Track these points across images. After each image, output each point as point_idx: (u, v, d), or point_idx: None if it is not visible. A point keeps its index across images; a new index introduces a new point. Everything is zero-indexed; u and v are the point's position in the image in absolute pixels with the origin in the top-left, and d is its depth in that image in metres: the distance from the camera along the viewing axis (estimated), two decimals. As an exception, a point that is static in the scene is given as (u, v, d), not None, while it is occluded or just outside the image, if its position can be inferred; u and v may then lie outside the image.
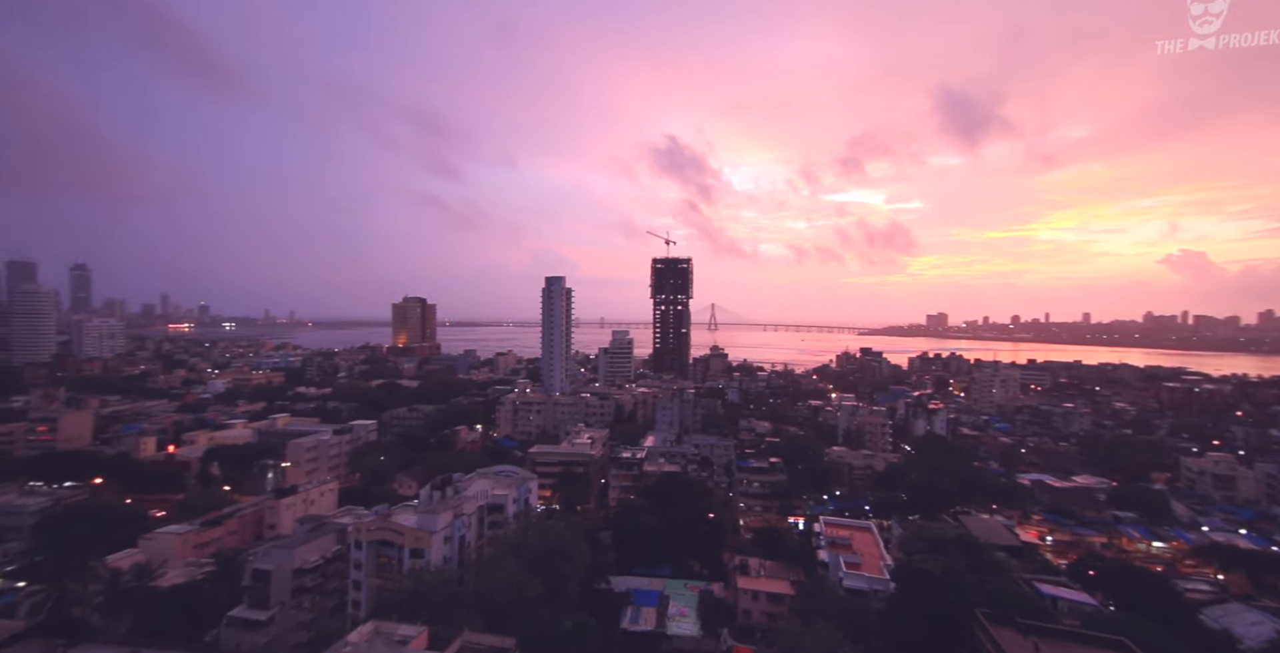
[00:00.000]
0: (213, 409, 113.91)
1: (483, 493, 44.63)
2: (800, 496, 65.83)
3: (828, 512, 58.73)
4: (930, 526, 43.75)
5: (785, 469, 67.94)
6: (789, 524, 60.17)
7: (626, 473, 63.58)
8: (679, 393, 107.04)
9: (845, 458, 77.69)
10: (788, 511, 63.17)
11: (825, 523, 48.43)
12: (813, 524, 52.88)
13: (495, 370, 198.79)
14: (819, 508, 62.91)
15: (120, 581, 35.09)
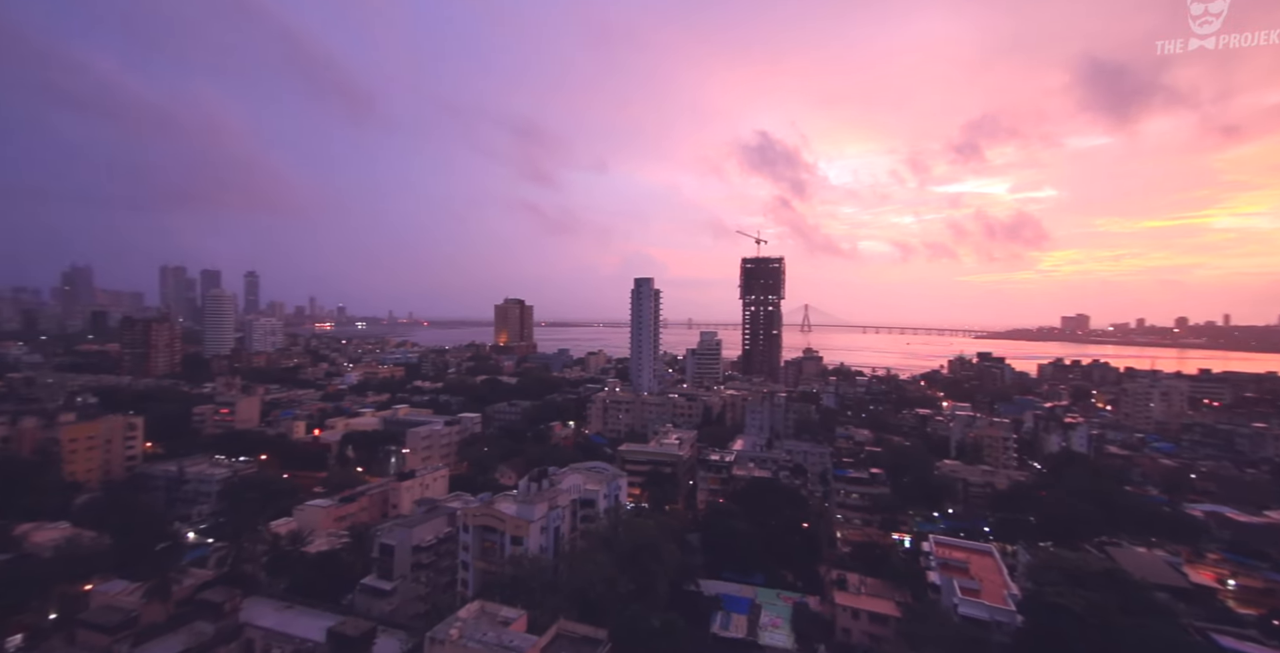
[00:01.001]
0: (348, 399, 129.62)
1: (575, 487, 46.42)
2: (906, 511, 60.79)
3: (938, 530, 53.60)
4: (1068, 555, 38.31)
5: (888, 481, 63.17)
6: (893, 541, 55.84)
7: (715, 476, 62.77)
8: (770, 396, 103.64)
9: (959, 473, 70.47)
10: (891, 526, 58.66)
11: (936, 543, 44.25)
12: (921, 543, 48.60)
13: (586, 369, 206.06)
14: (928, 526, 57.66)
15: (280, 544, 41.06)
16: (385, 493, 57.84)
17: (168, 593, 30.94)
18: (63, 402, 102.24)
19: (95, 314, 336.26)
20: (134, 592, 31.78)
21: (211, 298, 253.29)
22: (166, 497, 61.54)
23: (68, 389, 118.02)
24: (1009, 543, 51.50)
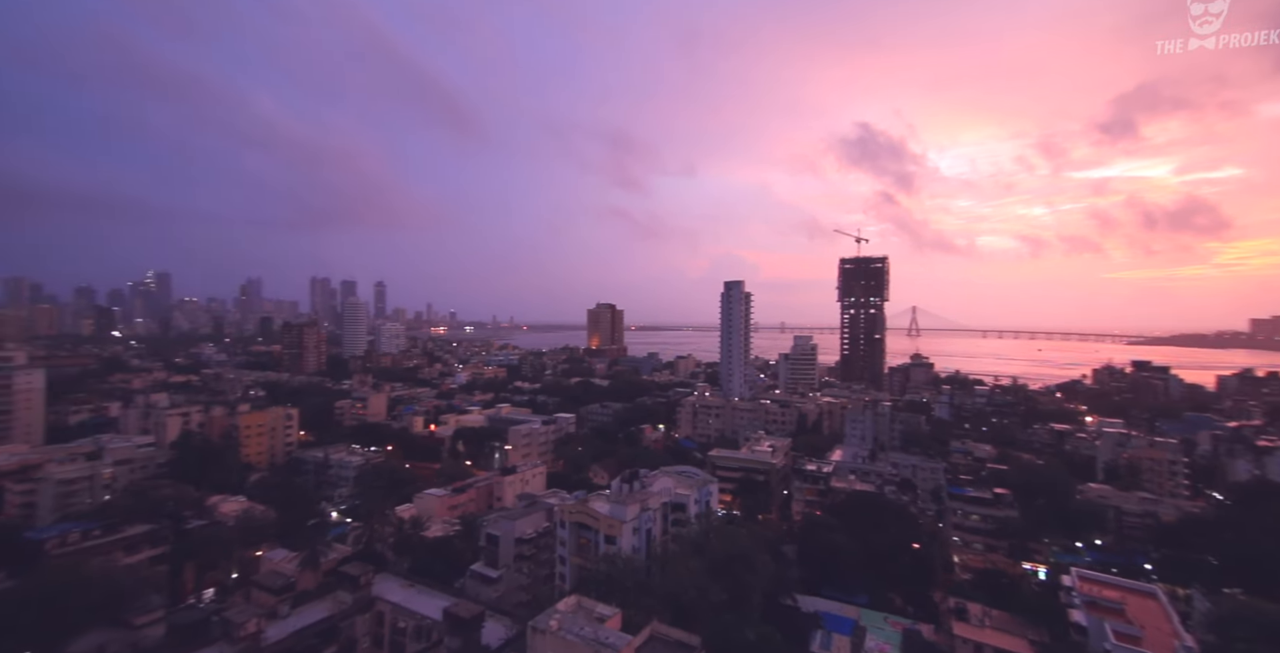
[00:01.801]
0: (458, 397, 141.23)
1: (666, 490, 46.59)
2: (1039, 538, 53.60)
3: (1082, 563, 46.57)
4: (1267, 607, 31.47)
5: (1017, 504, 56.14)
6: (1023, 571, 49.49)
7: (812, 487, 59.80)
8: (872, 405, 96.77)
9: (1109, 499, 60.71)
10: (1021, 554, 52.03)
11: (1080, 577, 38.46)
12: (1060, 575, 42.53)
13: (675, 373, 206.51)
14: (1068, 557, 50.33)
15: (403, 528, 45.72)
16: (491, 486, 62.15)
17: (317, 564, 35.71)
18: (240, 394, 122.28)
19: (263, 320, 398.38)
20: (292, 560, 37.08)
21: (349, 305, 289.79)
22: (315, 479, 71.07)
23: (244, 384, 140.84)
24: (1180, 586, 43.43)
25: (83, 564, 31.61)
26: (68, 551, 36.10)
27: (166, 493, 46.99)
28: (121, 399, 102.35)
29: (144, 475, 59.62)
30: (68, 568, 30.35)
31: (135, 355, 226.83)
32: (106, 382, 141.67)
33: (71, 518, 45.43)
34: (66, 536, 37.58)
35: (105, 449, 61.51)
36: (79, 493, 53.19)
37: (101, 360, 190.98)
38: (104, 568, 31.94)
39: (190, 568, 41.10)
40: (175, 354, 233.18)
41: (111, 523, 40.32)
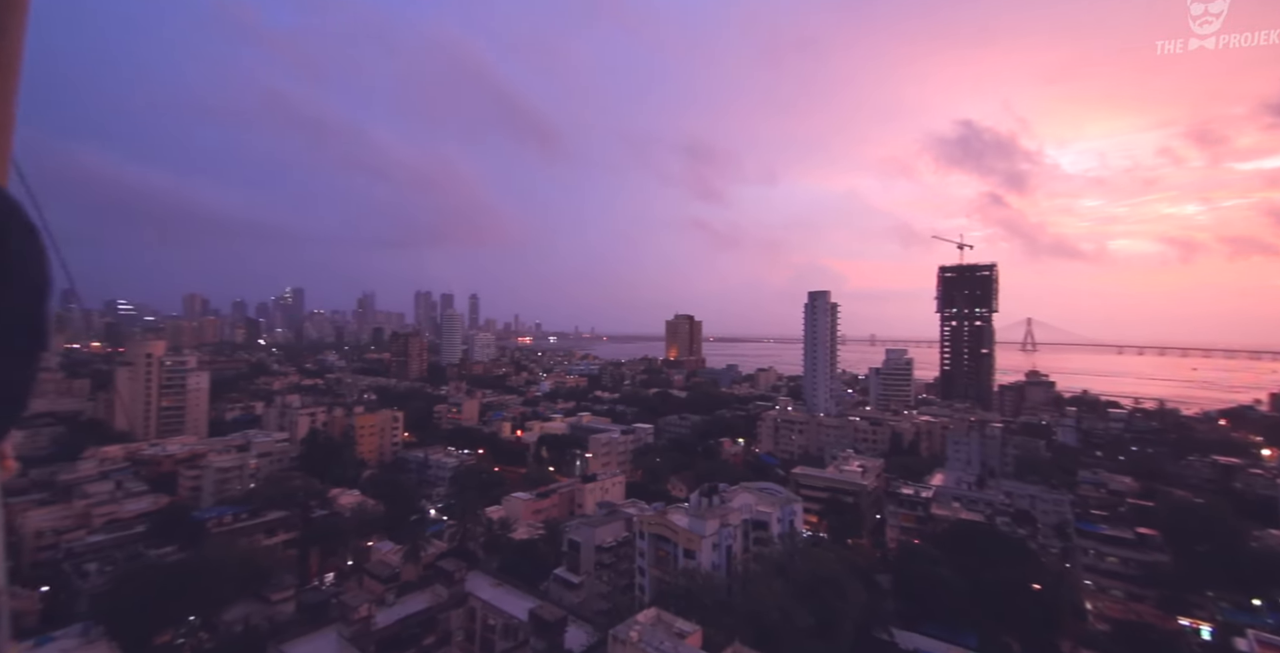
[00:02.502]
0: (542, 404, 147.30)
1: (746, 507, 45.25)
2: (1201, 590, 45.37)
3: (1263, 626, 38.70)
4: None
5: (1168, 547, 48.04)
6: (1179, 626, 42.10)
7: (909, 513, 55.23)
8: (979, 426, 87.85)
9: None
10: (1177, 607, 44.32)
11: (1261, 643, 32.04)
12: (1231, 638, 35.71)
13: (756, 386, 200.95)
14: (1240, 615, 42.07)
15: (493, 529, 48.26)
16: (572, 493, 63.89)
17: (418, 557, 38.68)
18: (356, 397, 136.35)
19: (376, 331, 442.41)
20: (397, 553, 40.45)
21: (447, 317, 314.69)
22: (416, 478, 77.19)
23: (359, 388, 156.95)
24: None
25: (234, 543, 36.69)
26: (223, 530, 42.09)
27: (297, 484, 53.33)
28: (264, 399, 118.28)
29: (280, 467, 68.11)
30: (223, 546, 35.38)
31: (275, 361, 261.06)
32: (254, 384, 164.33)
33: (226, 502, 52.95)
34: (222, 517, 43.88)
35: (252, 443, 71.19)
36: (232, 480, 61.85)
37: (250, 365, 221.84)
38: (250, 548, 36.88)
39: (314, 553, 46.18)
40: (306, 360, 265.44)
41: (255, 508, 46.49)
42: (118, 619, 28.58)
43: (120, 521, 45.88)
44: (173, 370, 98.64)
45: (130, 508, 48.50)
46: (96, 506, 47.98)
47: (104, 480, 55.39)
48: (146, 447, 70.36)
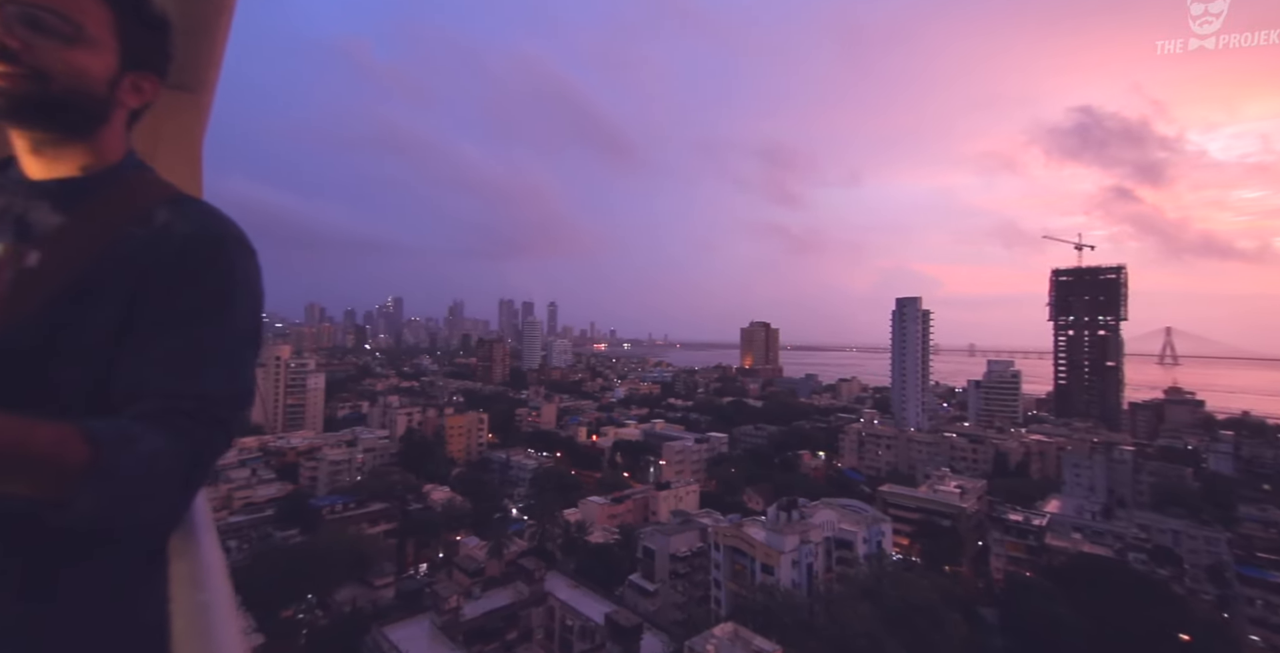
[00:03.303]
0: (616, 410, 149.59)
1: (828, 524, 43.04)
2: None
3: None
4: None
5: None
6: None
7: (1017, 541, 49.75)
8: (1104, 448, 77.56)
9: None
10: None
11: None
12: None
13: (837, 397, 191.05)
14: None
15: (570, 531, 49.58)
16: (646, 499, 64.13)
17: (501, 554, 40.59)
18: (446, 399, 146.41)
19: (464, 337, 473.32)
20: (481, 548, 42.71)
21: (528, 324, 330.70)
22: (499, 477, 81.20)
23: (449, 390, 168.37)
24: None
25: (344, 530, 40.59)
26: (334, 518, 46.70)
27: (396, 478, 58.05)
28: (369, 399, 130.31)
29: (381, 462, 74.55)
30: (335, 532, 39.24)
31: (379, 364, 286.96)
32: (360, 384, 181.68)
33: (337, 492, 58.73)
34: (334, 506, 48.72)
35: (359, 439, 78.61)
36: (342, 472, 68.56)
37: (358, 368, 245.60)
38: (357, 536, 40.60)
39: (410, 544, 49.90)
40: (404, 364, 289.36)
41: (361, 499, 51.17)
42: (251, 593, 32.53)
43: (254, 504, 52.39)
44: (296, 372, 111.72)
45: (262, 493, 55.29)
46: (237, 489, 55.17)
47: (242, 468, 63.61)
48: (274, 439, 79.93)
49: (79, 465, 0.62)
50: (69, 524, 0.63)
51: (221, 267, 0.83)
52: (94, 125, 0.87)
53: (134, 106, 0.91)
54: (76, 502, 0.62)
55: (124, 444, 0.65)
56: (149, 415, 0.70)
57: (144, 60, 0.89)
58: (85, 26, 0.79)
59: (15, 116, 0.80)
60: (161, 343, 0.76)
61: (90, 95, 0.83)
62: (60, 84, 0.78)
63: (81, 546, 0.74)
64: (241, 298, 0.86)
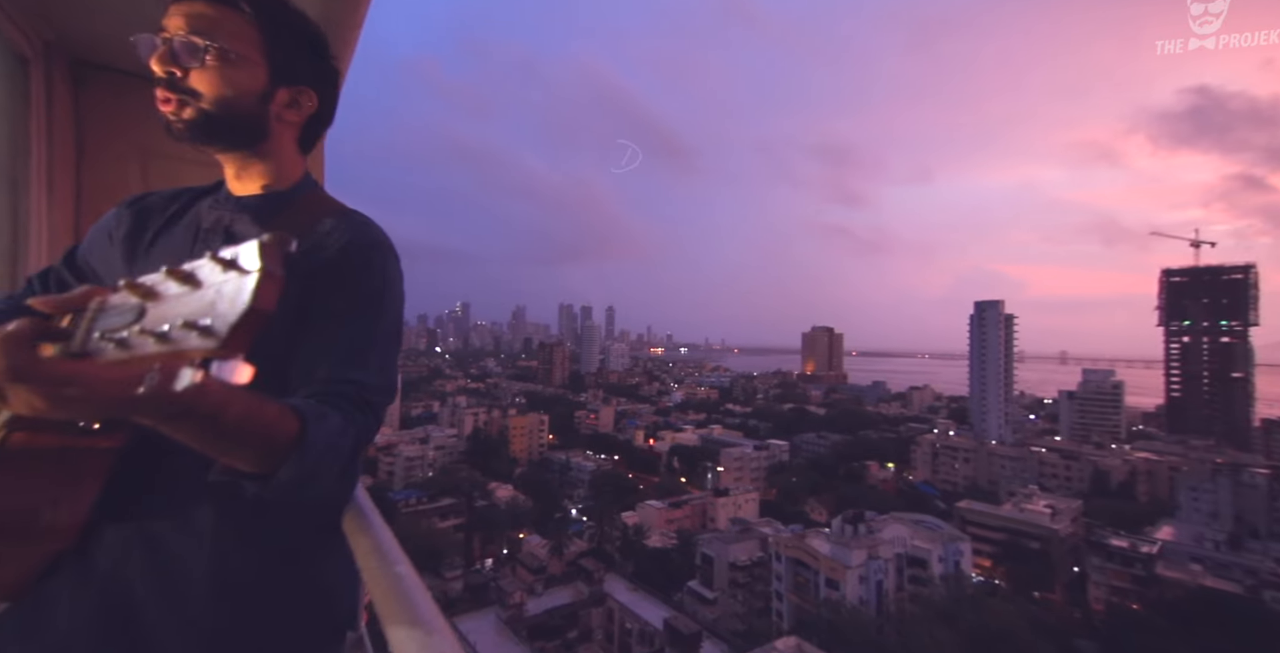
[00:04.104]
0: (673, 415, 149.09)
1: (899, 540, 40.66)
2: None
3: None
4: None
5: None
6: None
7: (1122, 570, 44.75)
8: (1230, 470, 68.14)
9: None
10: None
11: None
12: None
13: (908, 406, 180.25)
14: None
15: (628, 533, 49.92)
16: (704, 505, 63.40)
17: (562, 553, 41.52)
18: (509, 401, 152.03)
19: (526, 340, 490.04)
20: (543, 547, 43.86)
21: (586, 328, 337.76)
22: (559, 478, 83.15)
23: (512, 392, 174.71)
24: None
25: (418, 523, 43.07)
26: (409, 511, 49.65)
27: (464, 475, 60.91)
28: (439, 399, 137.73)
29: (450, 460, 78.50)
30: (411, 525, 41.71)
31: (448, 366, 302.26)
32: (432, 385, 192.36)
33: (411, 487, 62.42)
34: (409, 499, 51.83)
35: (430, 437, 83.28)
36: (415, 468, 72.84)
37: (430, 370, 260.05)
38: (430, 529, 42.94)
39: (477, 539, 52.12)
40: (471, 366, 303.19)
41: (432, 494, 54.09)
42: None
43: (339, 494, 56.57)
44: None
45: (346, 484, 59.63)
46: (324, 480, 59.82)
47: (329, 460, 68.97)
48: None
49: (290, 440, 0.69)
50: (268, 495, 0.70)
51: (375, 269, 0.95)
52: (258, 140, 0.95)
53: (295, 121, 1.00)
54: (280, 473, 0.68)
55: (320, 420, 0.74)
56: (318, 398, 0.79)
57: (295, 74, 0.96)
58: (232, 48, 0.86)
59: (191, 137, 0.89)
60: (325, 336, 0.86)
61: (244, 111, 0.90)
62: (213, 102, 0.86)
63: (269, 515, 0.87)
64: (390, 298, 0.97)
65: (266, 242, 0.39)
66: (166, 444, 0.69)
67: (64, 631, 0.79)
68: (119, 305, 0.43)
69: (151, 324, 0.39)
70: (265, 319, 0.38)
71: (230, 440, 0.63)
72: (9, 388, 0.47)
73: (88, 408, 0.49)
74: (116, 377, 0.46)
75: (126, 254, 0.98)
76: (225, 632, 0.83)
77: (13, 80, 1.85)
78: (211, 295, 0.38)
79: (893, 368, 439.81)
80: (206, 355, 0.38)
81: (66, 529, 0.74)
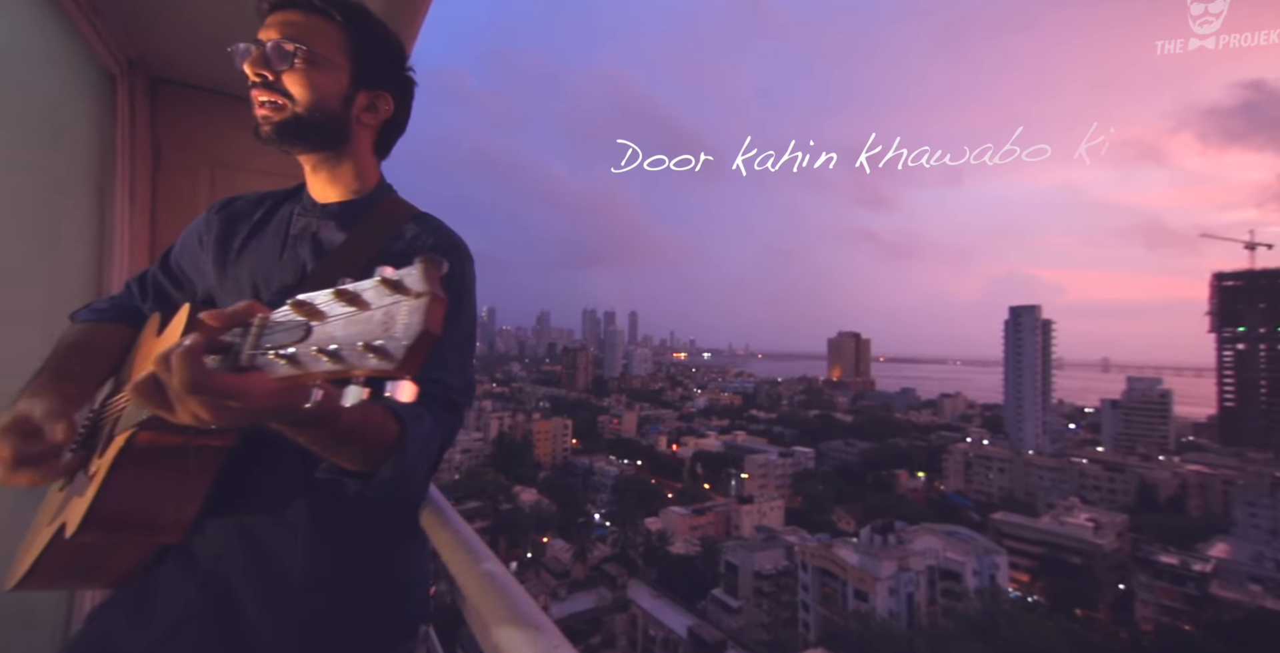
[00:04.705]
0: (697, 420, 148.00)
1: (931, 551, 39.41)
2: None
3: None
4: None
5: None
6: None
7: (1172, 588, 42.42)
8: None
9: None
10: None
11: None
12: None
13: (939, 413, 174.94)
14: None
15: (651, 540, 49.68)
16: (728, 512, 62.66)
17: (585, 558, 41.56)
18: (534, 405, 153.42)
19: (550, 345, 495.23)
20: (567, 551, 44.00)
21: (609, 333, 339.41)
22: (582, 483, 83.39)
23: (536, 397, 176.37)
24: None
25: (444, 522, 43.64)
26: (436, 510, 50.40)
27: (489, 479, 61.65)
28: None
29: (476, 463, 79.58)
30: (436, 523, 42.29)
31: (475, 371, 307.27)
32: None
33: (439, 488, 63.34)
34: (435, 499, 52.66)
35: (457, 440, 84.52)
36: (443, 470, 73.62)
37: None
38: (455, 528, 43.48)
39: (501, 542, 52.61)
40: (496, 370, 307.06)
41: (458, 497, 54.87)
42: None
43: (369, 494, 57.90)
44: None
45: (375, 485, 60.95)
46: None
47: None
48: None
49: (391, 440, 0.72)
50: (369, 493, 0.73)
51: (455, 272, 0.98)
52: (340, 142, 0.99)
53: (372, 124, 1.04)
54: (381, 472, 0.72)
55: (417, 422, 0.77)
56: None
57: (375, 79, 1.00)
58: (319, 51, 0.90)
59: (279, 138, 0.93)
60: None
61: (328, 112, 0.94)
62: (302, 104, 0.91)
63: (358, 512, 0.94)
64: (468, 300, 1.01)
65: (428, 265, 0.41)
66: (266, 444, 0.76)
67: (169, 619, 0.84)
68: (284, 323, 0.45)
69: (321, 342, 0.41)
70: (435, 341, 0.40)
71: (343, 441, 0.67)
72: (181, 400, 0.49)
73: (245, 418, 0.52)
74: (280, 390, 0.49)
75: (218, 259, 1.02)
76: (317, 625, 0.88)
77: (101, 96, 2.02)
78: (381, 317, 0.40)
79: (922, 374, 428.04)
80: (382, 376, 0.40)
81: (181, 524, 0.78)
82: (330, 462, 0.71)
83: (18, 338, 1.53)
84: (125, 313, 1.10)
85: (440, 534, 0.98)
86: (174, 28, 1.94)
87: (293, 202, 1.07)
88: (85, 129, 1.95)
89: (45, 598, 1.72)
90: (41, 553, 0.80)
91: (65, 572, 0.84)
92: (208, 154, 2.40)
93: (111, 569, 0.86)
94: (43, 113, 1.69)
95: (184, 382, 0.47)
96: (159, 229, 2.25)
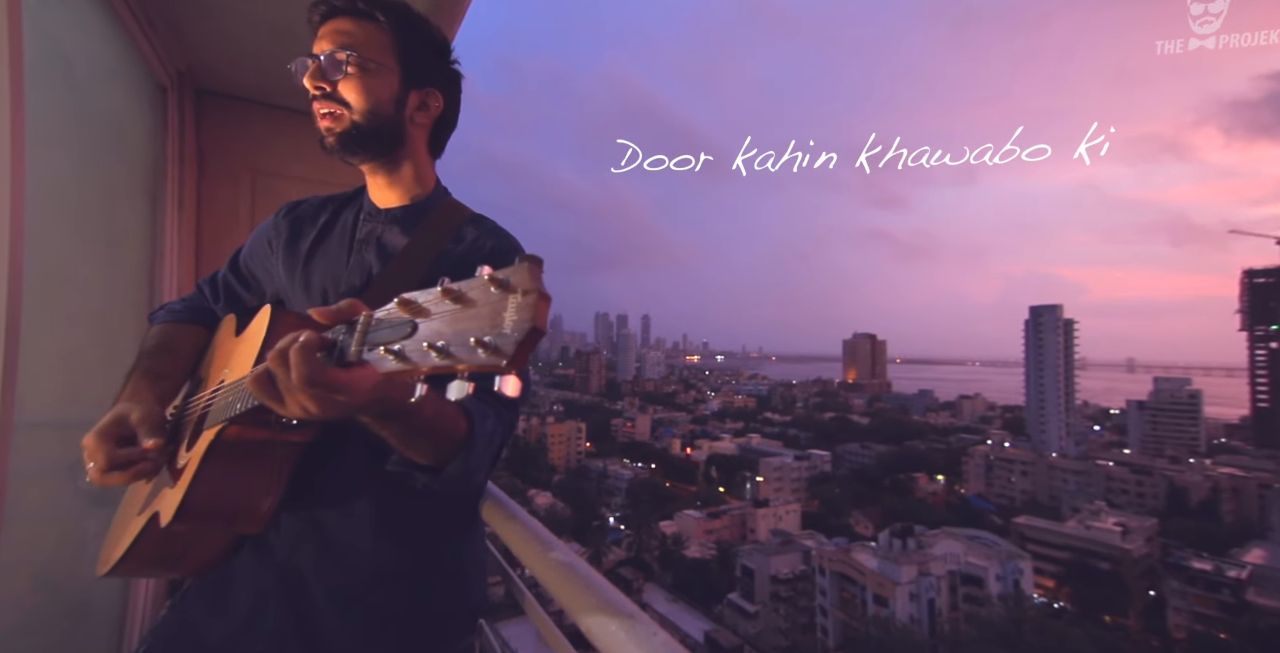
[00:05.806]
0: (711, 423, 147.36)
1: (952, 556, 38.69)
2: None
3: None
4: None
5: None
6: None
7: (1206, 595, 41.09)
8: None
9: None
10: None
11: None
12: None
13: (958, 415, 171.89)
14: None
15: (666, 543, 49.49)
16: (744, 516, 62.20)
17: (601, 562, 41.52)
18: (548, 408, 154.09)
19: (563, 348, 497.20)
20: (582, 555, 43.99)
21: (622, 336, 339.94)
22: (596, 486, 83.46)
23: (550, 400, 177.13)
24: None
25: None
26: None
27: (503, 482, 61.90)
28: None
29: (491, 465, 79.99)
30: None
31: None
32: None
33: (454, 490, 63.87)
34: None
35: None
36: (457, 473, 74.56)
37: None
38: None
39: (517, 543, 52.84)
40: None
41: (474, 498, 55.18)
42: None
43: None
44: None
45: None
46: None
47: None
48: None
49: (461, 436, 0.75)
50: (437, 486, 0.77)
51: None
52: (397, 145, 1.00)
53: (425, 123, 1.04)
54: (450, 466, 0.75)
55: (484, 419, 0.80)
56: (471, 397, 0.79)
57: (424, 77, 1.00)
58: (369, 56, 0.92)
59: (342, 148, 0.95)
60: None
61: (383, 116, 0.95)
62: (358, 110, 0.92)
63: (424, 506, 0.97)
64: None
65: (532, 264, 0.43)
66: (339, 439, 0.81)
67: (246, 609, 0.87)
68: (390, 320, 0.47)
69: (429, 339, 0.42)
70: (542, 338, 0.41)
71: (420, 435, 0.70)
72: (293, 393, 0.52)
73: (347, 411, 0.54)
74: (385, 385, 0.53)
75: (287, 262, 1.05)
76: (385, 617, 0.90)
77: (154, 107, 2.12)
78: (488, 313, 0.41)
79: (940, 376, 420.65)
80: (489, 371, 0.40)
81: (263, 516, 0.81)
82: (403, 455, 0.74)
83: (81, 336, 1.67)
84: (199, 314, 1.15)
85: (507, 527, 1.00)
86: (219, 40, 2.03)
87: (354, 206, 1.09)
88: (141, 139, 2.05)
89: (101, 590, 1.81)
90: (134, 541, 0.85)
91: (153, 560, 0.88)
92: (248, 162, 2.50)
93: (193, 559, 0.90)
94: (106, 123, 1.79)
95: (301, 376, 0.49)
96: (204, 234, 2.35)
